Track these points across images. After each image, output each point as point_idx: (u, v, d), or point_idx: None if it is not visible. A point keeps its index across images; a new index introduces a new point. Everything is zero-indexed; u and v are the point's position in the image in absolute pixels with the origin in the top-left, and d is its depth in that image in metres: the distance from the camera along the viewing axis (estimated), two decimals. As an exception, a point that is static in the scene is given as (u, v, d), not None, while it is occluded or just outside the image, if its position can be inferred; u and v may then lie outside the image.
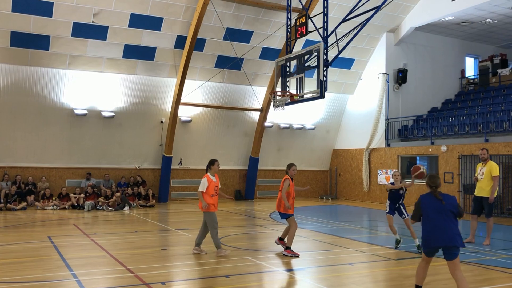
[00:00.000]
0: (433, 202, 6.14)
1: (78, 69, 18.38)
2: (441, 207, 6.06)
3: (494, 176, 10.55)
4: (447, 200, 6.14)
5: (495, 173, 10.57)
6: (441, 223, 6.00)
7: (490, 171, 10.61)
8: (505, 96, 20.49)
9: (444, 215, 6.02)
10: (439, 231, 5.99)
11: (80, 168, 19.59)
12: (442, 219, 6.01)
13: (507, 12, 19.53)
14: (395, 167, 21.13)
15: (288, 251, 9.15)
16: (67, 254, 9.05)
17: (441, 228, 5.99)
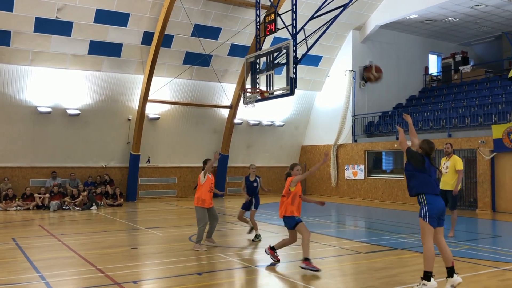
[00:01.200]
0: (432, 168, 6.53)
1: (41, 66, 17.87)
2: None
3: (458, 170, 10.88)
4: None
5: (459, 167, 10.90)
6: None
7: (454, 165, 10.92)
8: (467, 93, 21.18)
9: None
10: (440, 198, 6.48)
11: (44, 167, 19.06)
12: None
13: (468, 11, 20.18)
14: (362, 162, 21.53)
15: (306, 263, 7.53)
16: (34, 256, 8.81)
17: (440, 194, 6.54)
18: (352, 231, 12.91)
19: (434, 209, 6.34)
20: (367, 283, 6.94)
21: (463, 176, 11.07)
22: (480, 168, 16.64)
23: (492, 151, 16.28)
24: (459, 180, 10.87)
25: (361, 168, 21.58)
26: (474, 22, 21.67)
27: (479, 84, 21.52)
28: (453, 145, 17.12)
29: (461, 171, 10.90)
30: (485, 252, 9.34)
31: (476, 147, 16.73)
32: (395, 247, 9.71)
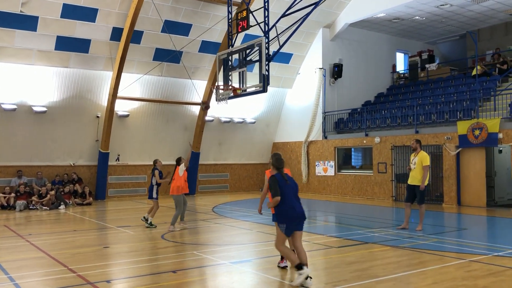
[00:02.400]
0: (284, 182, 6.84)
1: (5, 61, 17.27)
2: (289, 186, 6.87)
3: (424, 166, 11.20)
4: (290, 180, 6.98)
5: (426, 163, 11.22)
6: (294, 200, 6.86)
7: (421, 161, 11.24)
8: (433, 90, 21.74)
9: (293, 193, 6.89)
10: (297, 207, 6.84)
11: (9, 166, 18.49)
12: (294, 196, 6.88)
13: (434, 10, 20.70)
14: (332, 158, 21.81)
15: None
16: (1, 257, 8.57)
17: (297, 205, 6.86)
18: (323, 226, 13.09)
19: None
20: (339, 277, 7.07)
21: (429, 171, 11.35)
22: (446, 163, 17.13)
23: (457, 146, 16.79)
24: (425, 175, 11.17)
25: (331, 164, 21.87)
26: (439, 21, 22.24)
27: (444, 81, 22.12)
28: (420, 141, 17.61)
29: (427, 166, 11.21)
30: (451, 244, 9.65)
31: (442, 143, 17.21)
32: (366, 241, 9.91)
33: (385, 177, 19.37)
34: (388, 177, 19.27)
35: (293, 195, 6.89)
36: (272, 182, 6.80)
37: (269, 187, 6.84)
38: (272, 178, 6.84)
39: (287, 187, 6.84)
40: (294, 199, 6.87)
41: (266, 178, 7.26)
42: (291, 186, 6.91)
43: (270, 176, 6.96)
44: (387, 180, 19.31)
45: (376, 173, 19.68)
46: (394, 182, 19.11)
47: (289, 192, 6.83)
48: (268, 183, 6.94)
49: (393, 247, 9.22)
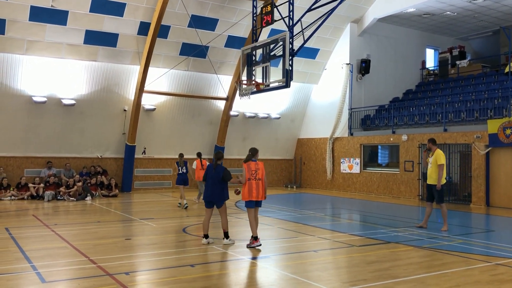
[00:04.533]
0: (211, 170, 9.22)
1: (36, 55, 17.72)
2: (213, 174, 9.11)
3: (439, 165, 11.03)
4: (218, 169, 9.13)
5: (440, 162, 11.05)
6: (210, 184, 9.15)
7: (436, 160, 11.09)
8: (463, 87, 21.17)
9: (212, 180, 9.13)
10: (208, 190, 9.19)
11: (39, 157, 18.98)
12: (213, 182, 9.10)
13: (466, 5, 20.11)
14: (357, 156, 21.54)
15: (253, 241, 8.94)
16: (26, 246, 8.78)
17: (210, 188, 9.15)
18: (346, 224, 12.93)
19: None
20: (359, 276, 6.95)
21: (444, 170, 11.08)
22: (475, 162, 16.66)
23: (487, 146, 16.30)
24: (440, 174, 11.00)
25: (356, 162, 21.59)
26: (472, 16, 21.61)
27: (475, 79, 21.51)
28: (448, 139, 17.17)
29: (442, 165, 11.02)
30: (477, 246, 9.36)
31: (472, 141, 16.74)
32: (389, 240, 9.73)
33: (412, 176, 19.00)
34: (414, 175, 18.88)
35: (212, 182, 9.14)
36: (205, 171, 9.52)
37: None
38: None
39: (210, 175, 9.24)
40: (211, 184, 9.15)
41: (244, 171, 8.99)
42: (214, 175, 9.12)
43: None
44: (413, 178, 18.93)
45: (403, 171, 19.32)
46: (420, 181, 18.72)
47: (210, 179, 9.19)
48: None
49: (416, 247, 9.01)
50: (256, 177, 8.93)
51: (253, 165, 9.00)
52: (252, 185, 8.87)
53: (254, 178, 8.91)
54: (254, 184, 8.88)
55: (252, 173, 8.92)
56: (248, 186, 8.88)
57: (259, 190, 8.93)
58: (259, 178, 8.96)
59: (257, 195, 8.92)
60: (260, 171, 9.03)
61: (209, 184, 9.12)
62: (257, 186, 8.91)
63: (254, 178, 8.91)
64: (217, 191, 9.06)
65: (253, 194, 8.89)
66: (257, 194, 8.92)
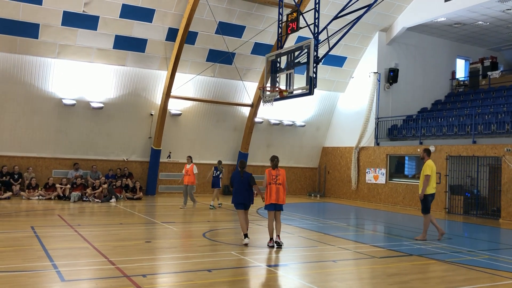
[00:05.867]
0: (238, 177, 9.90)
1: (67, 59, 18.17)
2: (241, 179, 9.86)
3: (426, 175, 11.08)
4: (245, 175, 9.90)
5: (425, 172, 11.11)
6: (241, 189, 9.86)
7: (423, 170, 11.17)
8: (494, 99, 20.62)
9: (243, 185, 9.83)
10: (240, 194, 9.85)
11: (67, 158, 19.41)
12: (243, 187, 9.83)
13: (499, 15, 19.63)
14: (383, 166, 21.20)
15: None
16: (49, 245, 8.95)
17: (241, 192, 9.84)
18: (369, 235, 12.70)
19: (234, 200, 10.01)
20: (378, 288, 6.80)
21: (432, 181, 11.09)
22: (505, 176, 16.16)
23: (518, 159, 15.81)
24: (425, 184, 11.03)
25: (382, 172, 21.26)
26: (505, 26, 21.07)
27: (508, 90, 20.91)
28: (477, 152, 16.73)
29: (427, 176, 11.04)
30: (505, 263, 9.03)
31: (502, 154, 16.26)
32: (411, 253, 9.50)
33: (439, 188, 18.46)
34: (441, 188, 18.44)
35: (243, 187, 9.86)
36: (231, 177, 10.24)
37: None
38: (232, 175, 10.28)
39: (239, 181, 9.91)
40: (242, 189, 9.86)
41: (265, 176, 9.67)
42: (243, 181, 9.83)
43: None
44: (440, 191, 18.48)
45: (429, 183, 18.86)
46: (448, 193, 18.27)
47: (239, 184, 9.88)
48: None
49: (438, 261, 8.77)
50: (276, 182, 9.55)
51: (274, 171, 9.68)
52: (272, 189, 9.52)
53: (275, 183, 9.53)
54: (274, 188, 9.52)
55: (273, 178, 9.57)
56: (268, 190, 9.54)
57: (279, 194, 9.53)
58: (280, 183, 9.58)
59: (276, 198, 9.52)
60: (281, 176, 9.65)
61: (240, 188, 9.86)
62: (277, 190, 9.52)
63: (275, 183, 9.53)
64: (247, 195, 9.85)
65: (273, 197, 9.50)
66: (276, 198, 9.52)
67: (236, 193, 9.92)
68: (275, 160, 9.85)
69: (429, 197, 11.18)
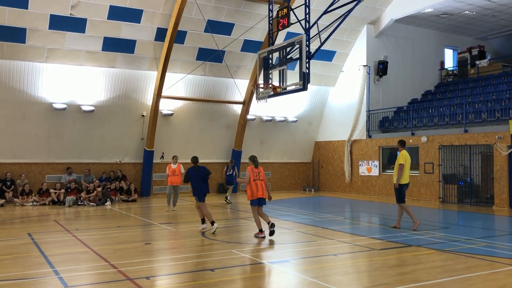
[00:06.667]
0: (194, 172, 11.17)
1: (56, 63, 18.01)
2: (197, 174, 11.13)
3: (399, 164, 11.43)
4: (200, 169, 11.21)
5: (399, 161, 11.46)
6: (199, 182, 11.16)
7: (398, 160, 11.52)
8: (484, 87, 20.82)
9: (200, 178, 11.16)
10: (200, 187, 11.14)
11: (60, 163, 19.26)
12: (199, 181, 11.15)
13: (485, 4, 19.80)
14: (376, 158, 21.33)
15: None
16: (48, 251, 8.89)
17: (200, 185, 11.16)
18: (366, 227, 12.79)
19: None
20: (381, 280, 6.85)
21: (405, 170, 11.44)
22: (497, 164, 16.35)
23: (509, 146, 15.98)
24: (399, 173, 11.36)
25: (375, 164, 21.39)
26: (491, 15, 21.26)
27: (496, 78, 21.14)
28: (469, 140, 16.89)
29: (401, 165, 11.38)
30: (502, 249, 9.15)
31: (493, 142, 16.44)
32: (410, 243, 9.58)
33: (432, 178, 18.73)
34: (435, 177, 18.61)
35: (200, 180, 11.17)
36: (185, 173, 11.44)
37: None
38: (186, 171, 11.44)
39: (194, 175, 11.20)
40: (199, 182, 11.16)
41: (249, 173, 10.32)
42: (199, 175, 11.14)
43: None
44: (434, 180, 18.66)
45: (423, 173, 19.06)
46: (441, 183, 18.44)
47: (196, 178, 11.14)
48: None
49: (438, 251, 8.86)
50: (259, 178, 10.34)
51: (256, 169, 10.41)
52: (258, 184, 10.26)
53: (258, 179, 10.30)
54: (259, 184, 10.27)
55: (256, 175, 10.32)
56: (254, 186, 10.23)
57: (263, 189, 10.34)
58: (262, 179, 10.40)
59: (262, 193, 10.30)
60: (262, 174, 10.47)
61: (197, 182, 11.14)
62: (261, 186, 10.31)
63: (258, 179, 10.30)
64: (206, 186, 11.31)
65: (259, 192, 10.24)
66: (262, 193, 10.30)
67: (197, 187, 11.11)
68: (256, 160, 10.61)
69: (403, 187, 11.54)
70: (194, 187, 11.23)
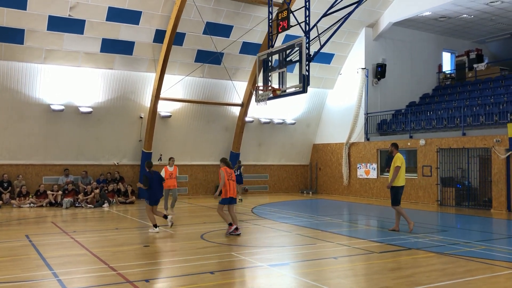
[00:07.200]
0: (150, 176, 11.54)
1: (54, 64, 17.96)
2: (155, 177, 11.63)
3: (395, 167, 11.50)
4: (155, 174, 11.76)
5: (395, 163, 11.54)
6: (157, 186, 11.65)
7: (394, 162, 11.59)
8: (481, 91, 20.88)
9: (158, 182, 11.66)
10: (158, 191, 11.70)
11: (57, 164, 19.19)
12: (158, 185, 11.67)
13: (483, 8, 19.87)
14: (374, 161, 21.34)
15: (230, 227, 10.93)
16: (46, 253, 8.84)
17: (159, 189, 11.70)
18: (364, 230, 12.78)
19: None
20: (381, 283, 6.84)
21: (401, 172, 11.52)
22: (495, 167, 16.38)
23: (507, 149, 16.02)
24: (394, 176, 11.45)
25: (373, 167, 21.40)
26: (489, 19, 21.34)
27: (494, 82, 21.20)
28: (467, 144, 16.91)
29: (397, 167, 11.47)
30: (501, 253, 9.16)
31: (491, 145, 16.48)
32: (409, 246, 9.58)
33: (430, 181, 18.75)
34: (433, 180, 18.64)
35: (158, 184, 11.67)
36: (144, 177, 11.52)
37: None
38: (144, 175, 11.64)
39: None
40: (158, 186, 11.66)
41: (221, 174, 10.81)
42: (157, 179, 11.65)
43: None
44: (432, 183, 18.68)
45: (421, 176, 19.08)
46: (439, 186, 18.46)
47: (156, 182, 11.56)
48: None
49: (437, 254, 8.86)
50: (232, 178, 10.92)
51: (229, 170, 10.99)
52: (231, 184, 10.85)
53: (231, 179, 10.87)
54: (232, 184, 10.86)
55: (229, 175, 10.86)
56: (228, 185, 10.78)
57: (234, 189, 10.95)
58: (234, 179, 11.04)
59: (233, 193, 10.92)
60: (233, 174, 11.09)
61: (156, 186, 11.64)
62: (233, 186, 10.92)
63: (231, 179, 10.87)
64: (162, 190, 12.10)
65: (232, 191, 10.85)
66: (233, 192, 10.92)
67: (157, 190, 11.60)
68: (228, 161, 11.26)
69: (399, 189, 11.62)
70: (153, 191, 11.50)
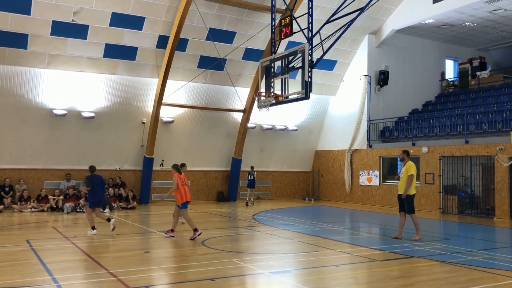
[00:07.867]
0: (93, 180, 11.78)
1: (57, 69, 17.99)
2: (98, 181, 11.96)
3: (409, 175, 11.29)
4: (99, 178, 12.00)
5: (410, 172, 11.31)
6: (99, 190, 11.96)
7: (407, 170, 11.34)
8: (484, 98, 20.83)
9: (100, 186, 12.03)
10: (99, 194, 12.00)
11: (59, 169, 19.18)
12: (100, 188, 11.99)
13: (486, 16, 19.87)
14: (376, 168, 21.27)
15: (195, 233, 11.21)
16: (47, 258, 8.80)
17: (100, 193, 12.04)
18: (366, 238, 12.71)
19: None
20: (383, 292, 6.77)
21: (413, 181, 11.37)
22: (498, 175, 16.30)
23: (510, 157, 15.95)
24: (408, 184, 11.28)
25: (376, 174, 21.33)
26: (492, 27, 21.33)
27: (497, 89, 21.15)
28: (470, 151, 16.84)
29: (411, 176, 11.28)
30: (505, 262, 9.08)
31: (494, 153, 16.41)
32: (411, 254, 9.51)
33: (433, 189, 18.66)
34: (435, 188, 18.55)
35: (101, 188, 11.99)
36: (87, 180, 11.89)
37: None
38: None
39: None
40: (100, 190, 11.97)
41: (174, 180, 11.20)
42: (100, 183, 11.94)
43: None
44: (434, 191, 18.60)
45: (423, 184, 19.00)
46: (442, 193, 18.38)
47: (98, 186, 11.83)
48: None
49: (440, 262, 8.78)
50: (185, 183, 11.33)
51: (182, 175, 11.35)
52: (186, 189, 11.25)
53: (185, 184, 11.29)
54: (186, 189, 11.28)
55: (182, 181, 11.28)
56: (183, 191, 11.16)
57: (188, 193, 11.36)
58: (187, 184, 11.48)
59: (189, 197, 11.36)
60: (185, 179, 11.50)
61: (98, 189, 11.91)
62: (187, 190, 11.34)
63: (185, 184, 11.29)
64: (104, 194, 12.65)
65: (187, 196, 11.25)
66: (189, 196, 11.34)
67: (98, 193, 11.87)
68: (179, 167, 11.54)
69: (413, 197, 11.51)
70: (94, 194, 11.80)
